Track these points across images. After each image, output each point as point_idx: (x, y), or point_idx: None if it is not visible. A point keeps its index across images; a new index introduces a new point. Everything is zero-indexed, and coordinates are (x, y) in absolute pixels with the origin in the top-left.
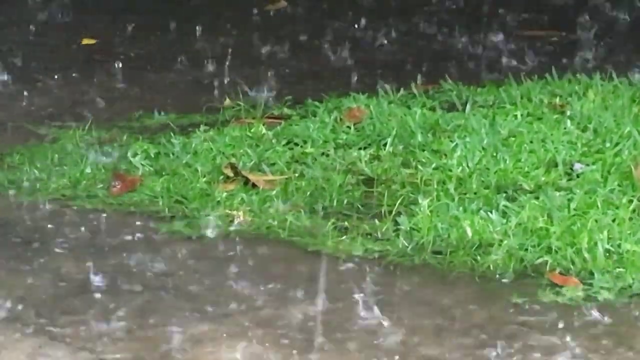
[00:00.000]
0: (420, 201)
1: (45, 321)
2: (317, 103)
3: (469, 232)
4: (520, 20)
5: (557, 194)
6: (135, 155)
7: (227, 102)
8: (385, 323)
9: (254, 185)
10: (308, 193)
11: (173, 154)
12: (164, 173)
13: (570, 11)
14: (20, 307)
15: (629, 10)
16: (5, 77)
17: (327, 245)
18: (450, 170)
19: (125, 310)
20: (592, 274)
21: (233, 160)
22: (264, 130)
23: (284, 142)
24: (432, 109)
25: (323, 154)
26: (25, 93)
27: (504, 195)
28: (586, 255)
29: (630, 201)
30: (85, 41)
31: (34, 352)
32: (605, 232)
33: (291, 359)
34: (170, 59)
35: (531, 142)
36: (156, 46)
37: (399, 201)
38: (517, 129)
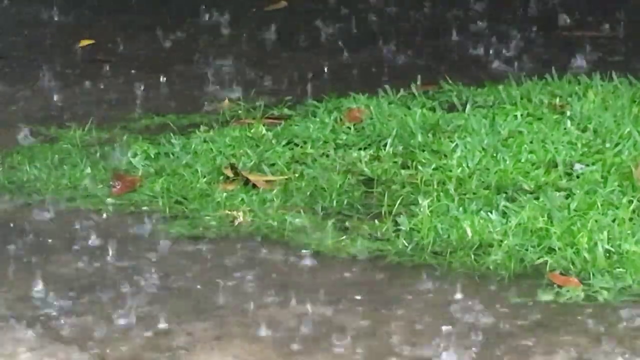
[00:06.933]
0: (420, 201)
1: (45, 321)
2: (317, 103)
3: (469, 233)
4: (565, 20)
5: (557, 194)
6: (135, 155)
7: (226, 102)
8: (385, 323)
9: (254, 186)
10: (308, 193)
11: (173, 155)
12: (164, 173)
13: (615, 11)
14: (20, 306)
15: None
16: (5, 78)
17: (327, 245)
18: (450, 171)
19: (126, 310)
20: (592, 274)
21: (233, 160)
22: (264, 131)
23: (284, 142)
24: (432, 109)
25: (323, 154)
26: (25, 93)
27: (504, 195)
28: (586, 255)
29: (630, 201)
30: (84, 42)
31: (34, 352)
32: (605, 233)
33: (291, 359)
34: (170, 59)
35: (531, 142)
36: (156, 46)
37: (399, 201)
38: (517, 129)
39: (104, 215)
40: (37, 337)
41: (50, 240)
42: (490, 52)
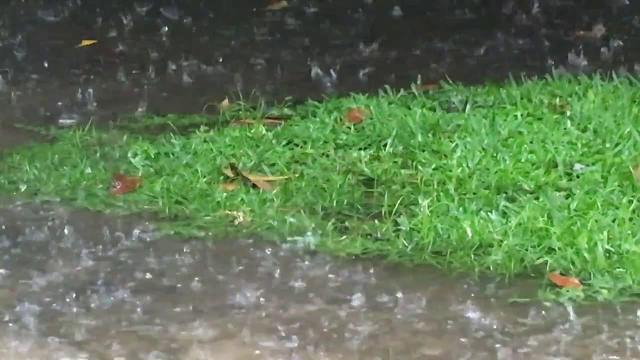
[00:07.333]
0: (420, 201)
1: (46, 321)
2: (317, 103)
3: (469, 233)
4: (566, 21)
5: (557, 194)
6: (135, 155)
7: (225, 102)
8: (385, 323)
9: (254, 186)
10: (308, 193)
11: (173, 155)
12: (163, 173)
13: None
14: (20, 307)
15: None
16: (5, 77)
17: (327, 245)
18: (450, 171)
19: (126, 310)
20: (592, 274)
21: (233, 160)
22: (264, 131)
23: (284, 142)
24: (432, 109)
25: (323, 154)
26: (25, 93)
27: (504, 195)
28: (586, 255)
29: (630, 201)
30: (85, 41)
31: (34, 352)
32: (605, 233)
33: (290, 359)
34: (170, 59)
35: (531, 142)
36: (156, 46)
37: (399, 201)
38: (517, 129)
39: (104, 216)
40: (37, 337)
41: (50, 240)
42: (491, 52)
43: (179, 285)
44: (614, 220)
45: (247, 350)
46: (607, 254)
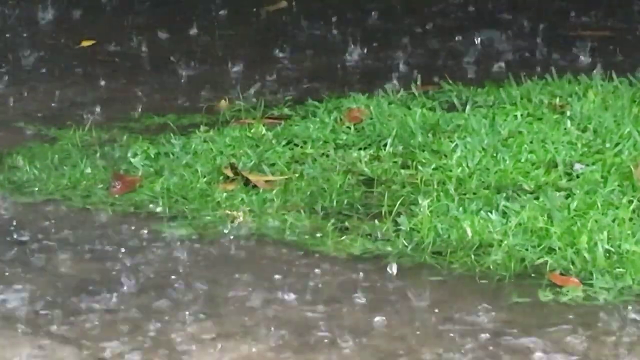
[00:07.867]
0: (420, 201)
1: (45, 321)
2: (317, 103)
3: (469, 233)
4: (569, 20)
5: (557, 194)
6: (135, 155)
7: (225, 102)
8: (385, 323)
9: (254, 186)
10: (308, 193)
11: (173, 155)
12: (163, 173)
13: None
14: (20, 307)
15: None
16: (5, 77)
17: (327, 245)
18: (450, 171)
19: (126, 311)
20: (592, 274)
21: (233, 160)
22: (264, 131)
23: (284, 142)
24: (432, 109)
25: (323, 154)
26: (25, 93)
27: (504, 195)
28: (586, 255)
29: (630, 201)
30: (85, 42)
31: (34, 352)
32: (605, 233)
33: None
34: (169, 59)
35: (531, 142)
36: (156, 46)
37: (399, 201)
38: (517, 129)
39: (104, 215)
40: (36, 337)
41: (49, 241)
42: (491, 51)
43: (178, 285)
44: (614, 220)
45: (246, 351)
46: (607, 254)
